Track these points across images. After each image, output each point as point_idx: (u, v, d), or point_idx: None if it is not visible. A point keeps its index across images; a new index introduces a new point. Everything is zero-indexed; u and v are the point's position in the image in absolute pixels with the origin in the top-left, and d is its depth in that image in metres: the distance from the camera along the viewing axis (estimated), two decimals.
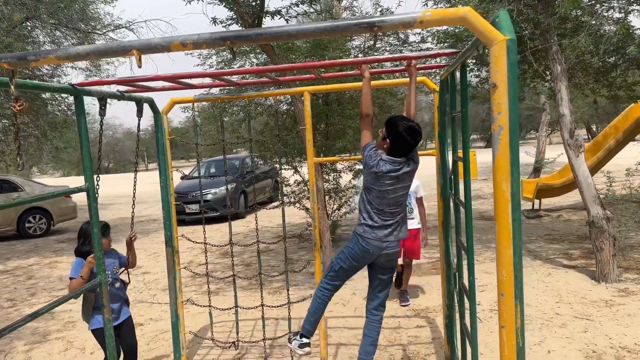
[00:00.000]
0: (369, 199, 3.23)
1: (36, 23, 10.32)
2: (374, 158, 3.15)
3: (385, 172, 3.11)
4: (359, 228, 3.28)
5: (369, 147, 3.20)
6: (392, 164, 3.13)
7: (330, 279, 3.45)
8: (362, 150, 3.24)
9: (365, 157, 3.19)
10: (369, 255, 3.27)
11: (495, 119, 1.84)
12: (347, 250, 3.33)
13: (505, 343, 1.94)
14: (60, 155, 16.88)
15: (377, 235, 3.21)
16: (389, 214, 3.22)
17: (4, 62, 2.10)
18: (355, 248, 3.28)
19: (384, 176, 3.12)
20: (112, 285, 3.74)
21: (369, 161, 3.15)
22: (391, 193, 3.18)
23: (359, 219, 3.31)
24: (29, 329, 5.73)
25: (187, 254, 9.10)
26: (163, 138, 4.22)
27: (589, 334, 4.54)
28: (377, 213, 3.21)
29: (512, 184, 1.84)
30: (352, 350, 4.56)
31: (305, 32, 1.91)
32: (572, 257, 7.13)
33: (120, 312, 3.84)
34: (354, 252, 3.29)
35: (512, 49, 1.84)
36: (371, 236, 3.21)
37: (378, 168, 3.12)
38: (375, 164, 3.13)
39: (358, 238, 3.26)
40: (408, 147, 3.14)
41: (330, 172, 8.86)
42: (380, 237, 3.22)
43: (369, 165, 3.15)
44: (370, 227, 3.22)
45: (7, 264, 9.69)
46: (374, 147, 3.20)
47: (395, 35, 8.56)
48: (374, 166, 3.13)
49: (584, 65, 7.26)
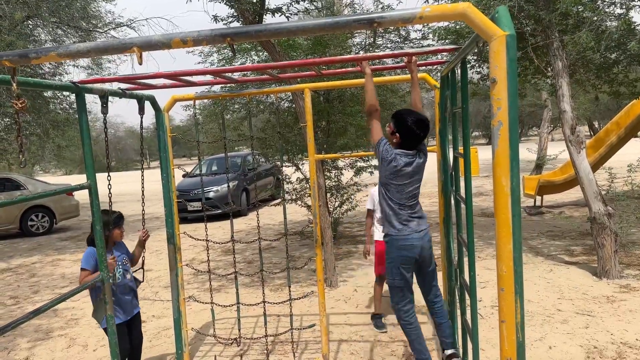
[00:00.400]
0: (389, 195, 3.24)
1: (37, 21, 10.33)
2: (390, 152, 3.17)
3: (403, 166, 3.14)
4: (392, 230, 3.26)
5: (383, 142, 3.21)
6: (406, 156, 3.17)
7: (399, 301, 3.44)
8: (375, 146, 3.24)
9: (381, 152, 3.19)
10: (414, 250, 3.26)
11: (495, 114, 1.85)
12: (391, 264, 3.30)
13: (506, 338, 1.94)
14: (62, 153, 16.89)
15: (412, 229, 3.23)
16: (409, 207, 3.26)
17: (5, 59, 2.11)
18: (395, 253, 3.25)
19: (402, 169, 3.15)
20: (123, 277, 3.76)
21: (387, 155, 3.16)
22: (409, 186, 3.22)
23: (383, 225, 3.31)
24: (32, 326, 5.75)
25: (190, 252, 9.13)
26: (164, 135, 4.23)
27: (591, 329, 4.54)
28: (401, 207, 3.23)
29: (511, 179, 1.84)
30: (354, 347, 4.57)
31: (306, 28, 1.92)
32: (573, 253, 7.13)
33: (132, 305, 3.83)
34: (399, 257, 3.26)
35: (511, 45, 1.84)
36: (407, 231, 3.21)
37: (396, 162, 3.14)
38: (392, 157, 3.15)
39: (394, 242, 3.24)
40: (417, 139, 3.20)
41: (332, 169, 8.86)
42: (415, 229, 3.25)
43: (387, 159, 3.16)
44: (401, 224, 3.22)
45: (10, 262, 9.72)
46: (387, 142, 3.22)
47: (396, 32, 8.55)
48: (392, 160, 3.15)
49: (586, 61, 7.24)
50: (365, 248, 5.05)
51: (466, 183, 2.86)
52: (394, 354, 4.37)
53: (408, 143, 3.21)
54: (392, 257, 3.28)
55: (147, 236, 4.05)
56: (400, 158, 3.16)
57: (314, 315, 5.40)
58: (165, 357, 4.70)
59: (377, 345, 4.58)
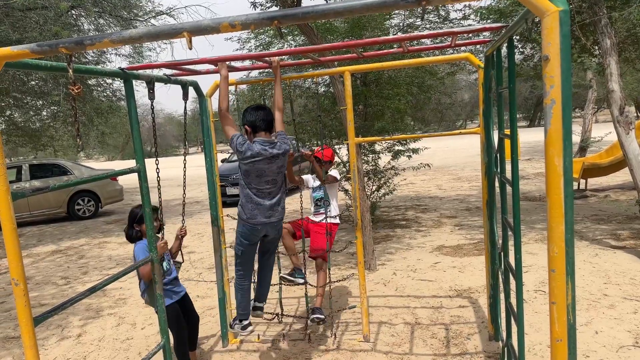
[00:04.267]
0: (247, 182, 3.49)
1: (81, 11, 10.61)
2: (243, 145, 3.41)
3: (257, 152, 3.38)
4: (242, 215, 3.59)
5: (235, 137, 3.43)
6: (261, 144, 3.42)
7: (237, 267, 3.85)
8: (230, 143, 3.47)
9: (235, 145, 3.42)
10: (258, 232, 3.60)
11: (548, 93, 1.81)
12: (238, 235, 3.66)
13: (557, 319, 1.92)
14: (106, 140, 17.41)
15: (261, 212, 3.52)
16: (267, 193, 3.52)
17: (62, 46, 2.19)
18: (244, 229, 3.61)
19: (257, 156, 3.38)
20: (174, 278, 3.91)
21: (240, 148, 3.40)
22: (267, 173, 3.46)
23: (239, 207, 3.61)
24: (83, 305, 6.02)
25: (231, 235, 9.27)
26: (207, 121, 4.31)
27: (639, 315, 4.43)
28: (256, 194, 3.49)
29: (564, 158, 1.81)
30: (394, 329, 4.59)
31: (353, 8, 1.91)
32: (620, 237, 6.92)
33: (178, 287, 3.97)
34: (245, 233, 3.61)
35: (565, 21, 1.79)
36: (255, 213, 3.51)
37: (251, 151, 3.38)
38: (246, 148, 3.39)
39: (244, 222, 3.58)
40: (261, 121, 3.46)
41: (369, 153, 8.83)
42: (264, 212, 3.53)
43: (241, 151, 3.40)
44: (255, 205, 3.51)
45: (59, 244, 10.15)
46: (240, 135, 3.45)
47: (435, 12, 8.39)
48: (245, 151, 3.39)
49: (635, 38, 6.94)
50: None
51: (513, 165, 2.81)
52: (434, 337, 4.37)
53: (257, 128, 3.48)
54: (240, 230, 3.66)
55: (185, 233, 4.14)
56: (255, 146, 3.41)
57: (354, 298, 5.45)
58: (210, 335, 4.84)
59: (418, 327, 4.60)
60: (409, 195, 12.42)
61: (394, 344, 4.30)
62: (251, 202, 3.50)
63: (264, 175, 3.46)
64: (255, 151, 3.38)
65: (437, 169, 17.20)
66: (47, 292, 6.75)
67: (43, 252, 9.44)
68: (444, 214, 9.72)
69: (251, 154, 3.38)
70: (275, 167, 3.49)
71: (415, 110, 11.12)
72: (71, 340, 5.06)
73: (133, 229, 3.87)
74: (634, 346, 3.90)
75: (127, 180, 17.64)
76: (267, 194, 3.52)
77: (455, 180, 14.71)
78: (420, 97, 9.94)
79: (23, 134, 13.61)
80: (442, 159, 20.42)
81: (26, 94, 11.59)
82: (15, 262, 2.20)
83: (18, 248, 2.21)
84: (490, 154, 3.78)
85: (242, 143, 3.40)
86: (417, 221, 9.27)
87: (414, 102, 10.14)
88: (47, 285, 7.10)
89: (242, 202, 3.57)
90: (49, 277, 7.59)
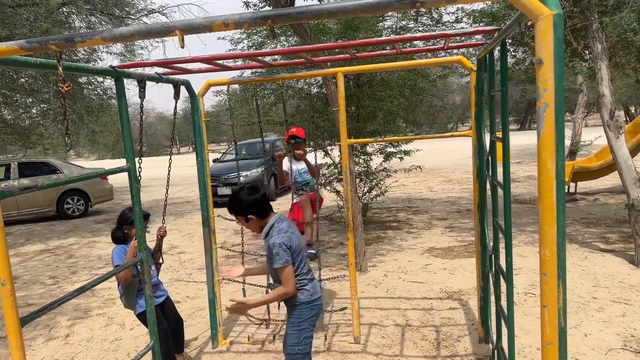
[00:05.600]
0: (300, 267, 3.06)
1: (72, 9, 10.52)
2: (290, 240, 2.97)
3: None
4: (304, 294, 3.06)
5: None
6: (280, 222, 3.05)
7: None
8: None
9: (287, 248, 2.94)
10: (321, 308, 3.17)
11: (541, 96, 1.81)
12: (304, 326, 3.06)
13: (547, 323, 1.92)
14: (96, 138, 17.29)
15: (318, 290, 3.13)
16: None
17: (52, 43, 2.15)
18: (310, 314, 3.08)
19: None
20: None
21: (292, 243, 2.96)
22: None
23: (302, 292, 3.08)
24: (71, 305, 5.96)
25: (221, 235, 9.27)
26: (199, 120, 4.28)
27: (628, 318, 4.46)
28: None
29: (557, 162, 1.81)
30: (385, 330, 4.59)
31: (347, 9, 1.90)
32: (609, 240, 6.97)
33: (159, 290, 3.97)
34: (311, 320, 3.09)
35: (558, 24, 1.79)
36: (315, 291, 3.10)
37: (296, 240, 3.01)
38: (295, 243, 2.99)
39: (309, 304, 3.06)
40: (264, 201, 3.06)
41: (361, 154, 8.83)
42: (320, 292, 3.17)
43: (294, 245, 2.97)
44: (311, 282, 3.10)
45: (48, 243, 10.05)
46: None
47: (428, 15, 8.41)
48: (293, 245, 2.97)
49: (626, 43, 7.00)
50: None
51: (504, 168, 2.82)
52: (425, 338, 4.37)
53: (263, 211, 3.06)
54: (307, 317, 3.10)
55: (164, 234, 4.05)
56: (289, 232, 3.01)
57: (345, 299, 5.44)
58: (200, 337, 4.81)
59: (408, 329, 4.59)
60: (401, 197, 12.44)
61: (385, 345, 4.30)
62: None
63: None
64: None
65: (429, 171, 17.25)
66: (35, 292, 6.68)
67: (31, 251, 9.34)
68: (435, 216, 9.75)
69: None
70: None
71: (407, 112, 11.14)
72: (59, 341, 5.00)
73: (122, 231, 3.82)
74: (622, 349, 3.92)
75: (117, 179, 17.53)
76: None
77: (446, 182, 14.76)
78: (413, 99, 9.97)
79: (12, 131, 13.49)
80: (433, 161, 20.48)
81: (15, 91, 11.48)
82: (2, 261, 2.16)
83: (5, 247, 2.17)
84: (481, 156, 3.79)
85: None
86: (409, 223, 9.29)
87: (406, 104, 10.16)
88: (35, 285, 7.02)
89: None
90: (37, 276, 7.51)
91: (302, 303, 3.02)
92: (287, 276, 2.92)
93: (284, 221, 3.06)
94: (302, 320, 3.02)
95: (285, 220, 3.08)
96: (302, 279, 3.03)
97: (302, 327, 3.02)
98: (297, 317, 3.03)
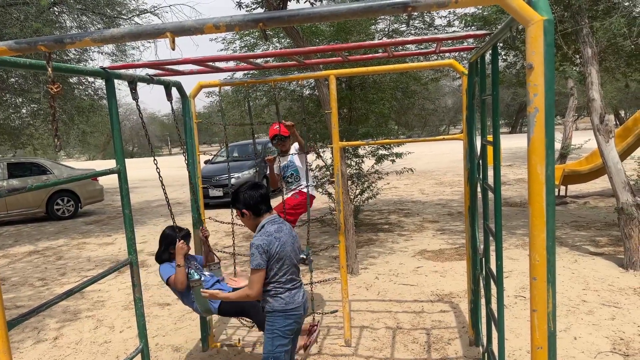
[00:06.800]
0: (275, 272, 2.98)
1: (63, 8, 10.45)
2: (270, 244, 2.91)
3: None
4: (279, 301, 2.97)
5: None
6: (271, 224, 3.00)
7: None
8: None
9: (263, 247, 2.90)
10: (302, 319, 3.08)
11: (531, 101, 1.82)
12: (277, 334, 2.98)
13: (537, 327, 1.93)
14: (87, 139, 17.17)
15: (297, 300, 3.01)
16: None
17: (41, 44, 2.14)
18: (283, 323, 2.98)
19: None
20: (216, 282, 3.87)
21: (271, 248, 2.90)
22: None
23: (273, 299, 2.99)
24: (60, 307, 5.90)
25: (212, 237, 9.22)
26: (190, 122, 4.26)
27: (617, 321, 4.49)
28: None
29: (547, 166, 1.82)
30: (376, 333, 4.59)
31: (338, 13, 1.90)
32: (599, 244, 7.02)
33: (225, 286, 3.90)
34: (285, 330, 2.99)
35: (549, 30, 1.80)
36: (292, 300, 2.98)
37: (279, 241, 2.93)
38: (275, 249, 2.91)
39: (283, 313, 2.97)
40: (261, 199, 3.03)
41: (353, 157, 8.84)
42: (301, 302, 3.03)
43: (273, 251, 2.90)
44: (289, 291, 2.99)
45: (37, 244, 9.96)
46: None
47: (420, 18, 8.44)
48: (272, 250, 2.90)
49: (616, 48, 7.06)
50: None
51: (495, 171, 2.83)
52: (416, 341, 4.38)
53: (257, 209, 3.03)
54: (279, 328, 3.01)
55: (208, 234, 4.09)
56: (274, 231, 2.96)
57: (336, 302, 5.43)
58: (191, 339, 4.78)
59: (399, 332, 4.60)
60: (392, 200, 12.46)
61: (375, 348, 4.30)
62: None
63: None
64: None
65: (420, 174, 17.30)
66: (24, 294, 6.61)
67: (20, 253, 9.25)
68: (426, 219, 9.77)
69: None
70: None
71: (399, 114, 11.18)
72: (47, 344, 4.95)
73: (168, 253, 3.80)
74: (611, 352, 3.95)
75: (107, 180, 17.42)
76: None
77: (438, 184, 14.81)
78: (405, 102, 10.00)
79: (2, 131, 13.35)
80: (425, 164, 20.54)
81: (5, 91, 11.38)
82: None
83: None
84: (472, 160, 3.81)
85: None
86: (400, 225, 9.30)
87: (398, 106, 10.19)
88: (23, 287, 6.95)
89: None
90: (25, 278, 7.43)
91: (275, 311, 2.95)
92: (254, 279, 2.89)
93: (275, 224, 3.01)
94: (275, 328, 2.96)
95: (278, 223, 3.02)
96: (279, 286, 2.94)
97: (275, 335, 2.96)
98: (270, 325, 2.98)
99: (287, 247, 2.96)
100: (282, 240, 2.94)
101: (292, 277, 3.01)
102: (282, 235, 2.96)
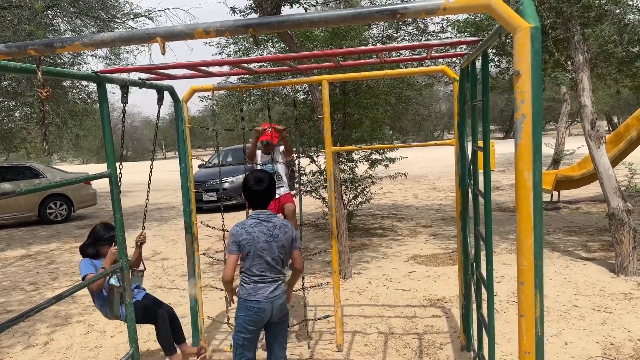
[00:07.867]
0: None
1: (57, 11, 10.43)
2: (238, 234, 3.09)
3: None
4: (243, 290, 3.13)
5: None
6: (251, 217, 3.15)
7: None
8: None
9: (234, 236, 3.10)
10: (264, 314, 3.12)
11: (519, 107, 1.83)
12: (238, 322, 3.14)
13: (525, 332, 1.94)
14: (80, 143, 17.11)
15: (261, 294, 3.08)
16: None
17: (31, 48, 2.14)
18: (242, 313, 3.11)
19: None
20: (135, 287, 3.89)
21: (238, 238, 3.08)
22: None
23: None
24: (51, 311, 5.86)
25: (205, 241, 9.21)
26: (183, 126, 4.26)
27: (608, 326, 4.51)
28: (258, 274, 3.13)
29: (534, 172, 1.83)
30: (368, 338, 4.59)
31: (328, 19, 1.91)
32: (590, 249, 7.05)
33: (139, 291, 3.97)
34: (244, 319, 3.11)
35: (536, 37, 1.82)
36: (255, 293, 3.08)
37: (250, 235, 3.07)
38: (244, 241, 3.07)
39: (244, 303, 3.11)
40: (259, 196, 3.15)
41: (346, 161, 8.86)
42: (266, 297, 3.09)
43: (240, 242, 3.07)
44: (255, 283, 3.10)
45: (29, 248, 9.90)
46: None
47: (414, 24, 8.49)
48: (240, 241, 3.07)
49: (607, 55, 7.13)
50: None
51: (485, 177, 2.84)
52: (408, 346, 4.38)
53: (252, 202, 3.19)
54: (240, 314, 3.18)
55: (144, 240, 4.04)
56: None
57: (328, 307, 5.43)
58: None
59: (391, 337, 4.60)
60: (386, 204, 12.48)
61: (367, 353, 4.30)
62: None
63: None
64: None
65: (414, 178, 17.34)
66: (15, 298, 6.57)
67: (12, 257, 9.19)
68: (419, 223, 9.79)
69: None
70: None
71: (393, 119, 11.21)
72: (38, 349, 4.92)
73: (95, 248, 3.80)
74: (602, 357, 3.96)
75: (100, 184, 17.35)
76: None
77: (431, 189, 14.85)
78: (398, 107, 10.03)
79: None
80: (419, 169, 20.60)
81: None
82: None
83: None
84: (464, 165, 3.82)
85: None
86: (393, 230, 9.32)
87: (391, 112, 10.22)
88: (14, 291, 6.91)
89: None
90: (17, 282, 7.39)
91: (240, 298, 3.15)
92: (227, 262, 3.13)
93: (255, 219, 3.12)
94: (237, 316, 3.16)
95: (260, 220, 3.12)
96: (246, 277, 3.12)
97: (237, 322, 3.15)
98: (236, 311, 3.18)
99: (259, 244, 3.07)
100: (252, 235, 3.07)
101: (264, 273, 3.10)
102: (255, 230, 3.08)
